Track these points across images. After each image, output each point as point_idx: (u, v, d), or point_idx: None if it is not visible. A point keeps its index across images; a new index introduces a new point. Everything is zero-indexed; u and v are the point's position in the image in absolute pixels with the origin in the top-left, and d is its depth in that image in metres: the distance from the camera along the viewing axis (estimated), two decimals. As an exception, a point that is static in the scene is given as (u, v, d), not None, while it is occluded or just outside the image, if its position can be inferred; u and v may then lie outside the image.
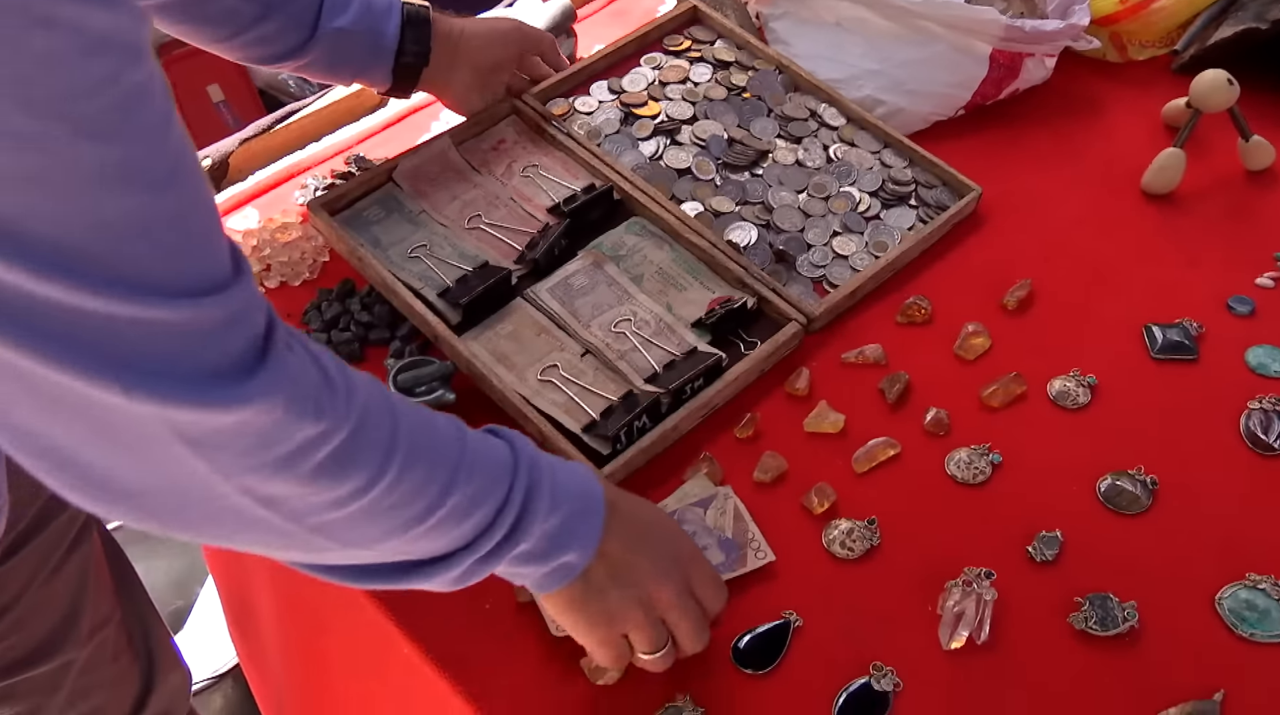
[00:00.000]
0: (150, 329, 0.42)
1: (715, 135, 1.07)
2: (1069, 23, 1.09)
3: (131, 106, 0.40)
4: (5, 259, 0.38)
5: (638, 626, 0.67)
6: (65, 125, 0.38)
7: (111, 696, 0.96)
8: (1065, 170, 1.08)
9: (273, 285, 1.00)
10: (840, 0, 1.12)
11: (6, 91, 0.36)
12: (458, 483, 0.57)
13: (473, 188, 1.02)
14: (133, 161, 0.41)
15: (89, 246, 0.40)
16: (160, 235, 0.42)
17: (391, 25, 0.96)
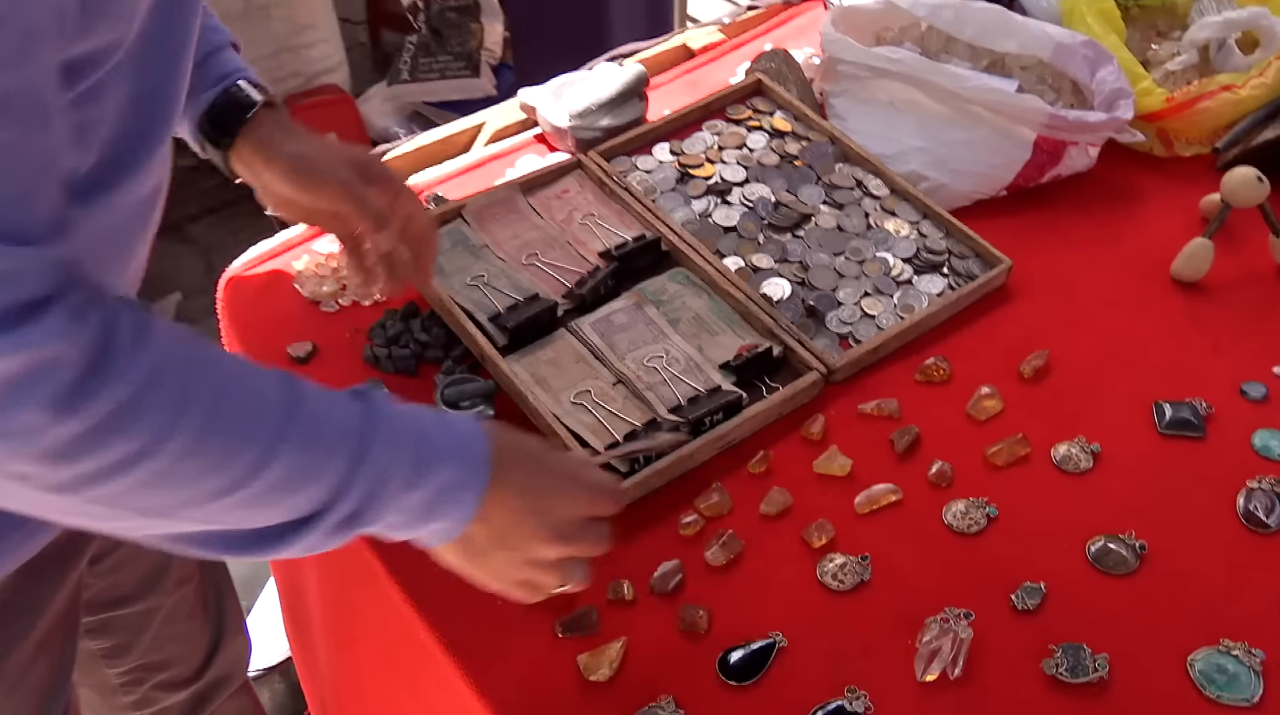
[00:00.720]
0: None
1: (763, 198, 1.14)
2: (1113, 116, 1.15)
3: None
4: None
5: (528, 580, 0.70)
6: None
7: (183, 650, 1.08)
8: (1099, 252, 1.12)
9: (346, 303, 1.10)
10: (895, 82, 1.20)
11: None
12: (278, 454, 0.56)
13: (533, 229, 1.12)
14: None
15: None
16: None
17: (208, 97, 0.85)
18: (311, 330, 1.07)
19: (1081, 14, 1.25)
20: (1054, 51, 1.23)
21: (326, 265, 1.13)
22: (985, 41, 1.27)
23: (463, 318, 1.01)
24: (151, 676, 1.06)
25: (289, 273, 1.13)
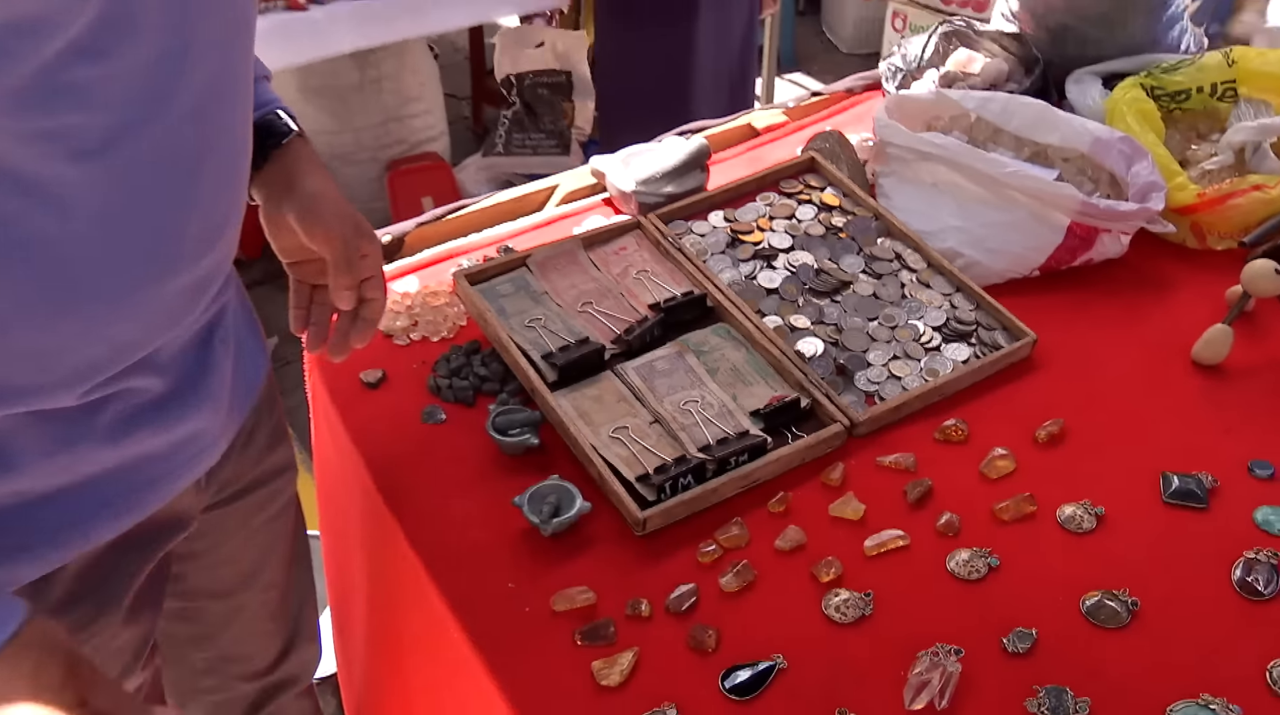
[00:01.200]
0: None
1: (806, 264, 1.23)
2: (1143, 206, 1.21)
3: None
4: None
5: None
6: None
7: (259, 647, 1.17)
8: (1123, 332, 1.18)
9: (415, 337, 1.21)
10: (940, 165, 1.28)
11: None
12: None
13: (590, 281, 1.22)
14: None
15: None
16: None
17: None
18: (383, 360, 1.18)
19: (1122, 113, 1.33)
20: (1092, 145, 1.30)
21: (401, 303, 1.24)
22: (1029, 134, 1.35)
23: (518, 355, 1.10)
24: (229, 666, 1.16)
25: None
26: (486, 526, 0.99)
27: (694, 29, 2.38)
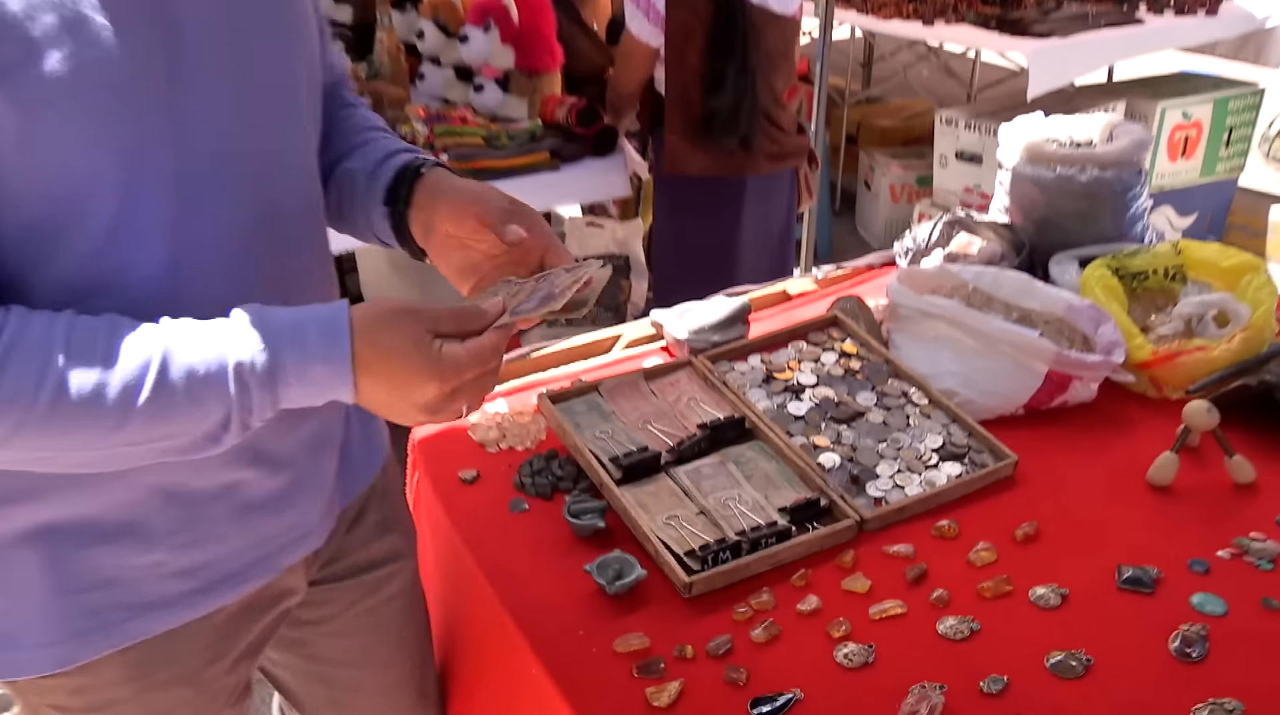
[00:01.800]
0: None
1: (827, 397, 1.49)
2: (1107, 359, 1.47)
3: None
4: None
5: (432, 419, 0.86)
6: None
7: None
8: (1091, 458, 1.41)
9: (504, 447, 1.47)
10: (941, 323, 1.56)
11: None
12: (129, 417, 0.76)
13: (650, 404, 1.49)
14: None
15: None
16: None
17: (388, 172, 1.02)
18: (477, 462, 1.44)
19: (1093, 287, 1.61)
20: (1067, 310, 1.57)
21: (493, 420, 1.51)
22: (1016, 300, 1.62)
23: (590, 457, 1.36)
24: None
25: (465, 425, 1.52)
26: (562, 589, 1.23)
27: (739, 219, 2.73)
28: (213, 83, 0.85)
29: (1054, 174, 1.77)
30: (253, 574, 1.00)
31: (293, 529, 1.03)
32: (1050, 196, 1.79)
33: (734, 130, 2.58)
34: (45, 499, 0.87)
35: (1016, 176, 1.84)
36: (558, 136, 2.79)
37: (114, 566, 0.91)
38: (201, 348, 0.79)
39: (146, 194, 0.81)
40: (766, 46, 2.58)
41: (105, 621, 0.93)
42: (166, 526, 0.92)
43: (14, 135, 0.74)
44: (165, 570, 0.94)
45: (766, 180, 2.75)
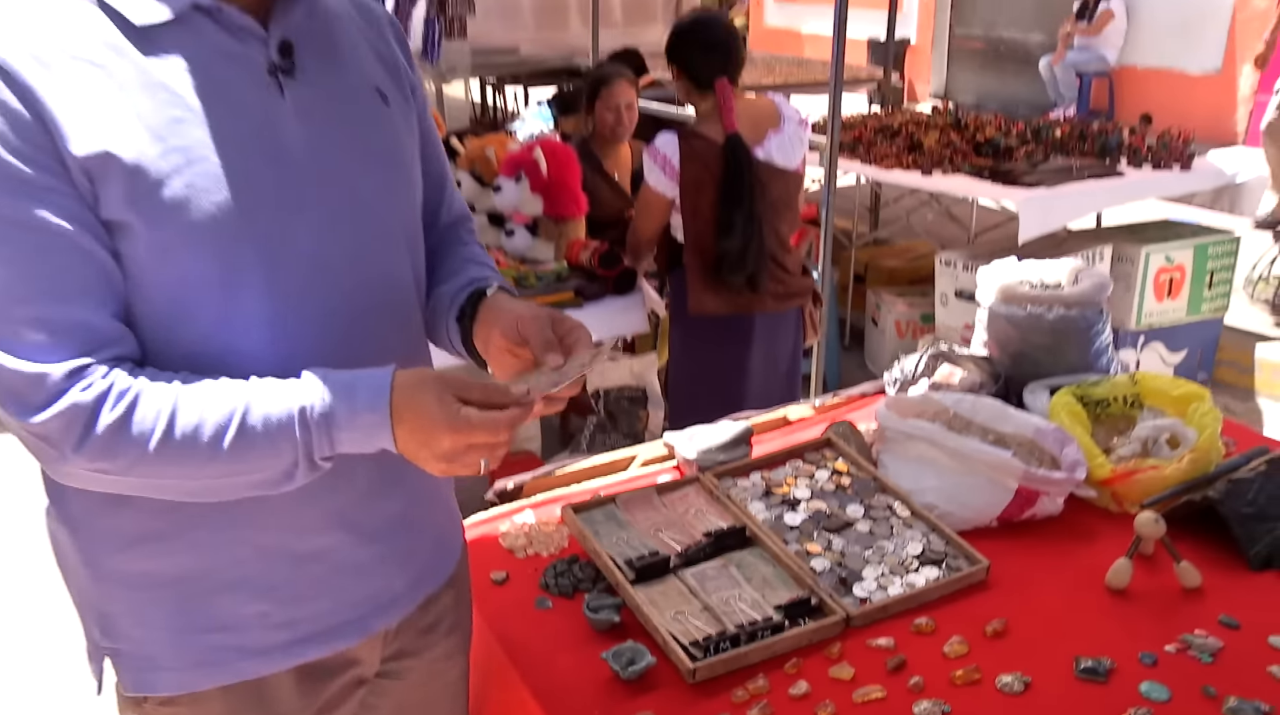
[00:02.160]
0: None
1: (819, 510, 1.67)
2: (1070, 476, 1.65)
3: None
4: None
5: (450, 469, 1.01)
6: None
7: None
8: (1056, 564, 1.57)
9: (531, 553, 1.65)
10: (923, 444, 1.74)
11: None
12: (218, 456, 0.96)
13: (661, 515, 1.67)
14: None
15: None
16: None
17: (463, 294, 1.22)
18: (507, 566, 1.62)
19: (1060, 413, 1.79)
20: (1035, 433, 1.76)
21: (520, 529, 1.69)
22: (991, 424, 1.81)
23: (608, 560, 1.54)
24: None
25: (496, 533, 1.70)
26: (581, 674, 1.39)
27: (747, 354, 2.95)
28: (313, 212, 1.06)
29: (1025, 312, 1.99)
30: (341, 633, 1.17)
31: (378, 596, 1.20)
32: (1022, 332, 2.00)
33: (742, 272, 2.82)
34: (179, 542, 1.07)
35: (993, 314, 2.05)
36: (581, 277, 3.04)
37: (228, 613, 1.10)
38: (276, 400, 0.99)
39: (246, 298, 1.02)
40: (772, 197, 2.85)
41: (219, 659, 1.11)
42: (271, 582, 1.11)
43: (144, 243, 0.97)
44: (269, 621, 1.12)
45: (773, 318, 2.97)
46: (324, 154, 1.08)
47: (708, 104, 2.85)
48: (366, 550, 1.16)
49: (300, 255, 1.05)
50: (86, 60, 0.95)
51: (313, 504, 1.09)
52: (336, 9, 1.16)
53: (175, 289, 0.99)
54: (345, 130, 1.11)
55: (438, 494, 1.30)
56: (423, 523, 1.26)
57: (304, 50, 1.08)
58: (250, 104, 1.03)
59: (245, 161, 1.01)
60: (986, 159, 4.25)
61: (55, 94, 0.93)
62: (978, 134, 4.47)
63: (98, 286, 0.96)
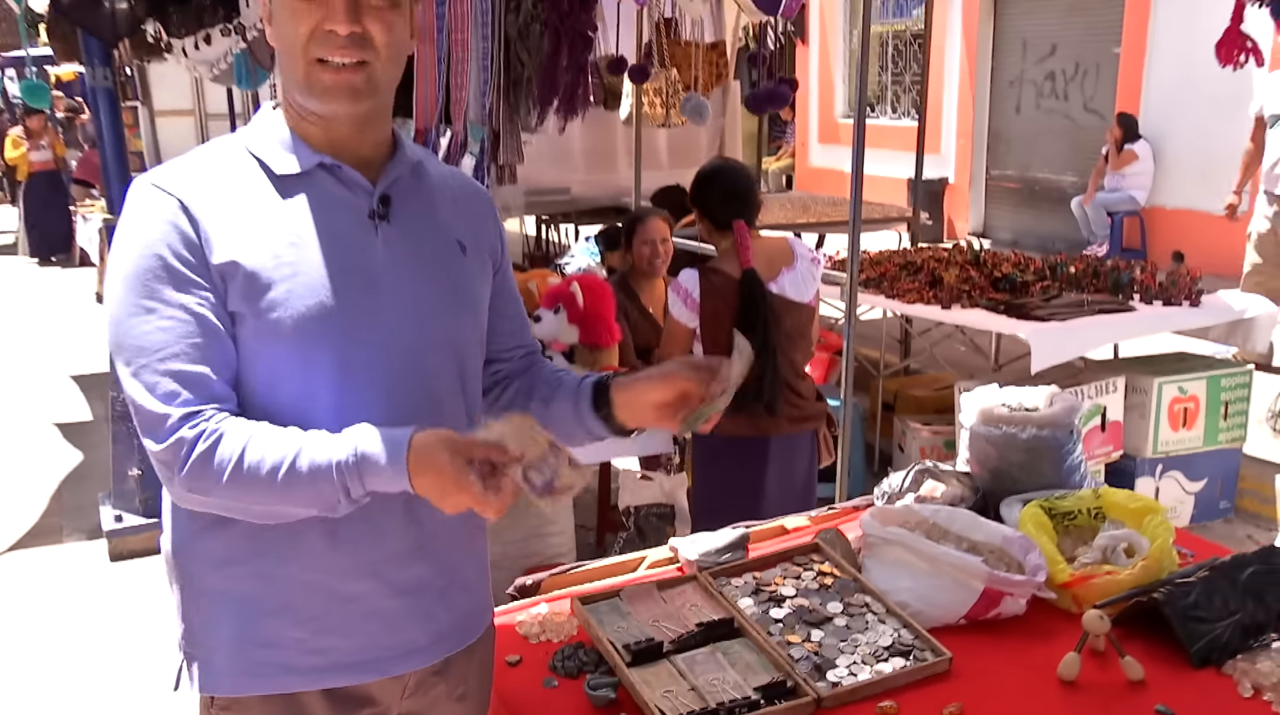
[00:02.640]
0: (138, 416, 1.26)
1: (802, 605, 1.85)
2: (1032, 579, 1.82)
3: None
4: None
5: (456, 510, 1.25)
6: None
7: None
8: (1016, 658, 1.73)
9: (544, 639, 1.85)
10: (899, 549, 1.93)
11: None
12: (281, 492, 1.23)
13: (660, 608, 1.86)
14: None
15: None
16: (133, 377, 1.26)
17: (586, 391, 1.52)
18: (522, 650, 1.81)
19: (1026, 523, 1.97)
20: (1003, 541, 1.93)
21: (535, 619, 1.90)
22: (965, 533, 1.99)
23: (609, 645, 1.73)
24: None
25: (514, 622, 1.90)
26: (579, 743, 1.57)
27: (764, 473, 3.15)
28: (382, 323, 1.36)
29: (1001, 432, 2.18)
30: (364, 669, 1.40)
31: (399, 645, 1.42)
32: (999, 450, 2.19)
33: (759, 397, 3.05)
34: (248, 568, 1.34)
35: (973, 434, 2.25)
36: (610, 400, 3.29)
37: (275, 634, 1.34)
38: (321, 450, 1.24)
39: (319, 380, 1.32)
40: (786, 328, 3.10)
41: (262, 671, 1.35)
42: (312, 613, 1.35)
43: (251, 329, 1.30)
44: (305, 646, 1.35)
45: (789, 440, 3.18)
46: (399, 281, 1.39)
47: (727, 243, 3.14)
48: (394, 602, 1.39)
49: (366, 355, 1.35)
50: (237, 197, 1.33)
51: (353, 554, 1.35)
52: (441, 179, 1.51)
53: (270, 364, 1.31)
54: (421, 266, 1.42)
55: (465, 574, 1.52)
56: (448, 592, 1.48)
57: (400, 202, 1.42)
58: (349, 238, 1.36)
59: (334, 280, 1.33)
60: (1003, 294, 4.47)
61: (211, 220, 1.30)
62: (995, 270, 4.71)
63: (217, 356, 1.29)
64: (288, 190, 1.35)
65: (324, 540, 1.33)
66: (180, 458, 1.24)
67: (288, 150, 1.37)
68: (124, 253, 1.30)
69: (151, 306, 1.27)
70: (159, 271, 1.28)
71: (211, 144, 1.42)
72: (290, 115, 1.39)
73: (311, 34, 1.30)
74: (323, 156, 1.37)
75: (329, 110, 1.34)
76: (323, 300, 1.31)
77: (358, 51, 1.32)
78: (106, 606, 3.90)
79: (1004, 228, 11.03)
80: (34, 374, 6.97)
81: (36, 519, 4.65)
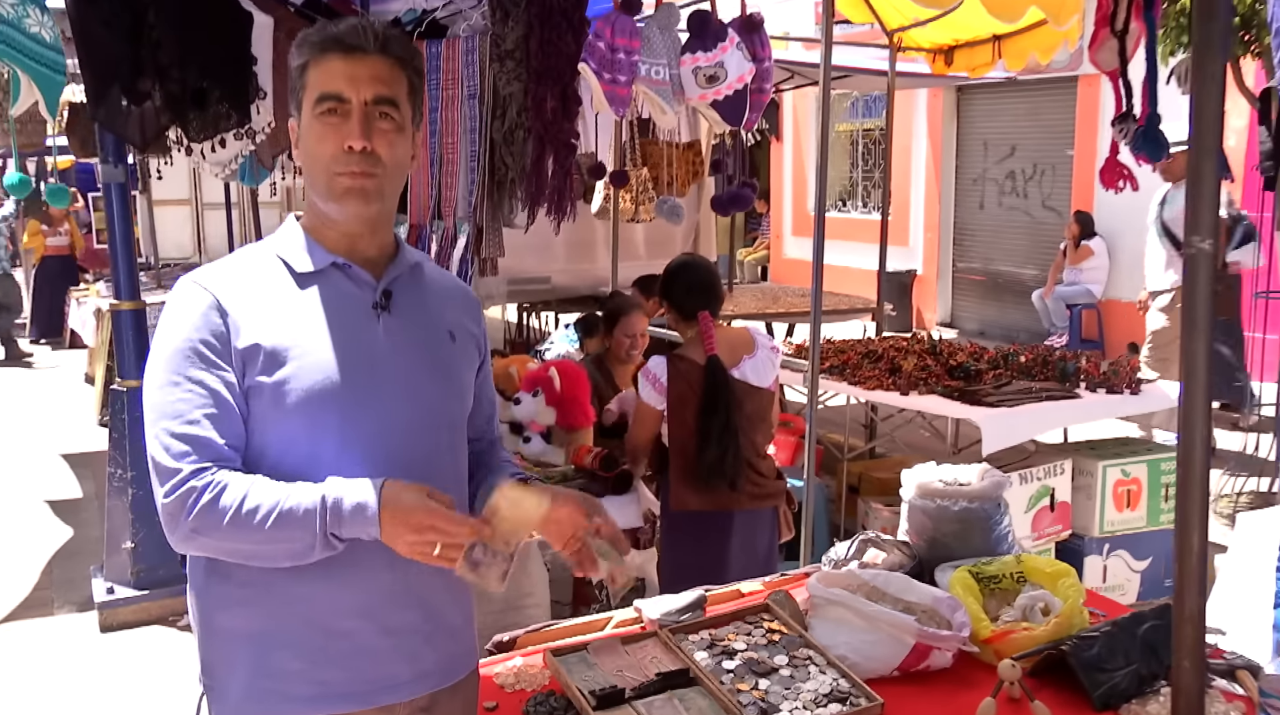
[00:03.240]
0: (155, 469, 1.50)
1: (752, 658, 2.06)
2: (956, 634, 2.04)
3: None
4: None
5: (416, 549, 1.47)
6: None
7: None
8: (941, 702, 1.94)
9: (518, 689, 2.04)
10: (840, 608, 2.14)
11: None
12: (268, 536, 1.44)
13: (623, 660, 2.06)
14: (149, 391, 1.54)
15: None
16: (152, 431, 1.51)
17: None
18: (498, 698, 2.01)
19: (955, 586, 2.20)
20: (934, 601, 2.15)
21: (511, 671, 2.09)
22: (899, 594, 2.21)
23: (576, 692, 1.93)
24: None
25: (492, 673, 2.10)
26: (548, 776, 1.76)
27: (728, 546, 3.36)
28: (380, 400, 1.59)
29: (935, 505, 2.42)
30: (355, 699, 1.59)
31: (386, 679, 1.62)
32: (934, 521, 2.43)
33: (722, 475, 3.28)
34: (257, 609, 1.54)
35: (911, 507, 2.48)
36: (585, 478, 3.51)
37: (279, 667, 1.54)
38: (306, 496, 1.47)
39: (324, 447, 1.54)
40: (747, 411, 3.34)
41: (267, 700, 1.55)
42: (310, 648, 1.55)
43: (267, 400, 1.53)
44: (304, 677, 1.55)
45: (751, 515, 3.40)
46: (396, 364, 1.62)
47: (692, 332, 3.39)
48: (383, 641, 1.60)
49: (366, 426, 1.58)
50: (263, 290, 1.59)
51: (347, 595, 1.55)
52: (434, 278, 1.76)
53: (281, 431, 1.55)
54: (416, 351, 1.67)
55: (451, 620, 1.72)
56: (434, 636, 1.68)
57: (399, 296, 1.67)
58: (353, 326, 1.61)
59: (338, 360, 1.57)
60: (958, 381, 4.75)
61: (239, 311, 1.55)
62: (951, 358, 4.99)
63: (228, 424, 1.52)
64: (305, 284, 1.61)
65: (322, 583, 1.54)
66: (188, 505, 1.46)
67: (306, 251, 1.62)
68: (163, 336, 1.55)
69: (177, 381, 1.51)
70: (188, 353, 1.52)
71: (247, 249, 1.69)
72: (310, 221, 1.65)
73: (334, 154, 1.57)
74: (335, 257, 1.62)
75: (345, 213, 1.61)
76: (329, 376, 1.55)
77: (368, 165, 1.58)
78: (97, 677, 4.03)
79: (970, 318, 11.41)
80: (25, 452, 7.11)
81: (27, 592, 4.77)
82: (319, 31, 1.59)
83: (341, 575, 1.56)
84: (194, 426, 1.49)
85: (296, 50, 1.60)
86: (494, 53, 3.50)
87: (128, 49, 3.24)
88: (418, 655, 1.65)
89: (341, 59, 1.56)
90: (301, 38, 1.61)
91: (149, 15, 3.19)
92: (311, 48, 1.58)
